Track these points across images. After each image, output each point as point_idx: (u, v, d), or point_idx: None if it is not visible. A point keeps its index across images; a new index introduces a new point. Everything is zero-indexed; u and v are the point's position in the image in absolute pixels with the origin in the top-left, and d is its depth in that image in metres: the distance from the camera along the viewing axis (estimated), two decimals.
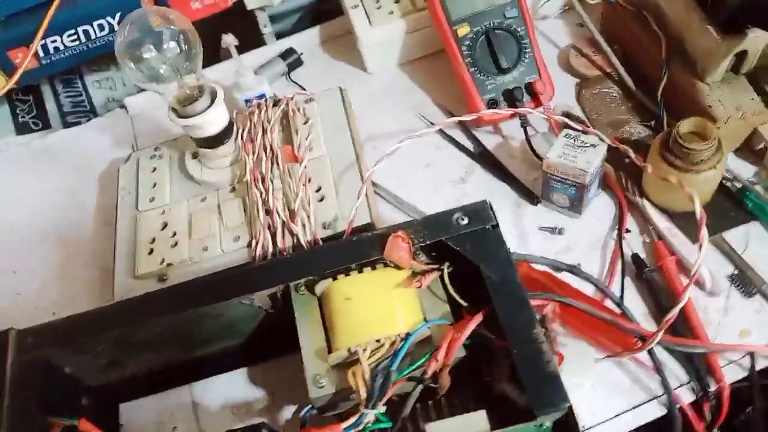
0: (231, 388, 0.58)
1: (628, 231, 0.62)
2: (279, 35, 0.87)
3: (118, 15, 0.75)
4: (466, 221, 0.49)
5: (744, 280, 0.57)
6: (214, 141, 0.61)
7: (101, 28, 0.76)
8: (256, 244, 0.57)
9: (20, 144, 0.83)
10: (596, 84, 0.74)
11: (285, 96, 0.68)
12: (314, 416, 0.49)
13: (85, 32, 0.75)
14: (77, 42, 0.76)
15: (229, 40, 0.68)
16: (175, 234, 0.61)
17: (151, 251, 0.60)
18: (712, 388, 0.52)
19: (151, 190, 0.65)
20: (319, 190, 0.60)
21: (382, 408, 0.44)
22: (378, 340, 0.47)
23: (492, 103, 0.69)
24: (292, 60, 0.82)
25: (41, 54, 0.76)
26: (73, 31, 0.75)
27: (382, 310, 0.48)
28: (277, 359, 0.58)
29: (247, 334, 0.55)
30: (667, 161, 0.58)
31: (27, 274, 0.70)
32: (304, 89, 0.79)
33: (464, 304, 0.48)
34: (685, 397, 0.53)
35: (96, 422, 0.54)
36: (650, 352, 0.52)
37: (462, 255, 0.48)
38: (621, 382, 0.54)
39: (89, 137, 0.81)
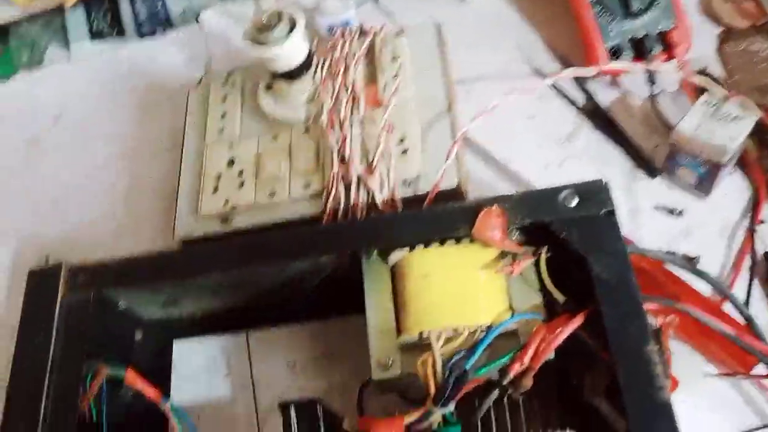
0: (289, 341, 0.55)
1: (761, 222, 0.52)
2: None
3: None
4: (575, 203, 0.41)
5: None
6: (291, 74, 0.54)
7: None
8: (328, 196, 0.51)
9: (93, 52, 0.79)
10: (743, 38, 0.61)
11: (372, 26, 0.59)
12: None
13: None
14: None
15: None
16: (241, 173, 0.55)
17: (216, 189, 0.55)
18: None
19: (220, 121, 0.59)
20: (402, 141, 0.53)
21: (451, 407, 0.39)
22: (455, 329, 0.41)
23: (615, 52, 0.58)
24: None
25: None
26: None
27: (464, 295, 0.42)
28: (338, 317, 0.54)
29: (310, 289, 0.51)
30: None
31: (90, 195, 0.67)
32: (392, 17, 0.70)
33: (561, 300, 0.41)
34: None
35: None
36: None
37: (564, 242, 0.41)
38: (729, 398, 0.47)
39: (163, 52, 0.76)
